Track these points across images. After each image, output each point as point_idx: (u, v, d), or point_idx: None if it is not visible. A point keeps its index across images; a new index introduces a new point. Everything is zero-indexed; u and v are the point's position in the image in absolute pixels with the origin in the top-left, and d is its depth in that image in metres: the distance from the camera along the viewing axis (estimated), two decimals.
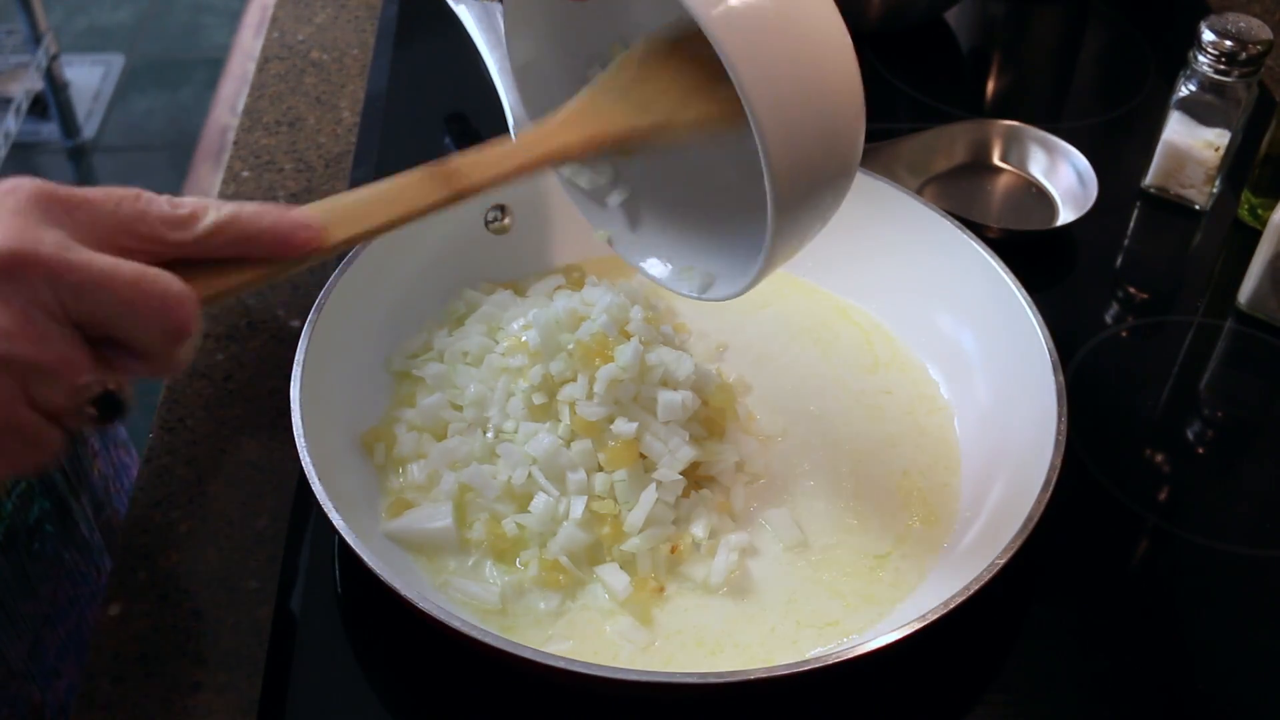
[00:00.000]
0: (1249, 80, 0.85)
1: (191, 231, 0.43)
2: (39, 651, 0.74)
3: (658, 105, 0.58)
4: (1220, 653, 0.67)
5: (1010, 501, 0.65)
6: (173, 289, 0.42)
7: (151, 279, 0.42)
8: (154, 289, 0.42)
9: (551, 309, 0.71)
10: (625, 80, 0.59)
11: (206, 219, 0.44)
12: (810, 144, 0.54)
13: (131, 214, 0.43)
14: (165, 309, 0.42)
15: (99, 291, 0.41)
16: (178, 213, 0.43)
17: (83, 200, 0.42)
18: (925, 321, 0.79)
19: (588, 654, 0.63)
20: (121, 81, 2.69)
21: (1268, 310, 0.83)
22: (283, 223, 0.45)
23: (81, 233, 0.41)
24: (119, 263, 0.41)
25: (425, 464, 0.70)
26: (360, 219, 0.49)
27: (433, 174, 0.52)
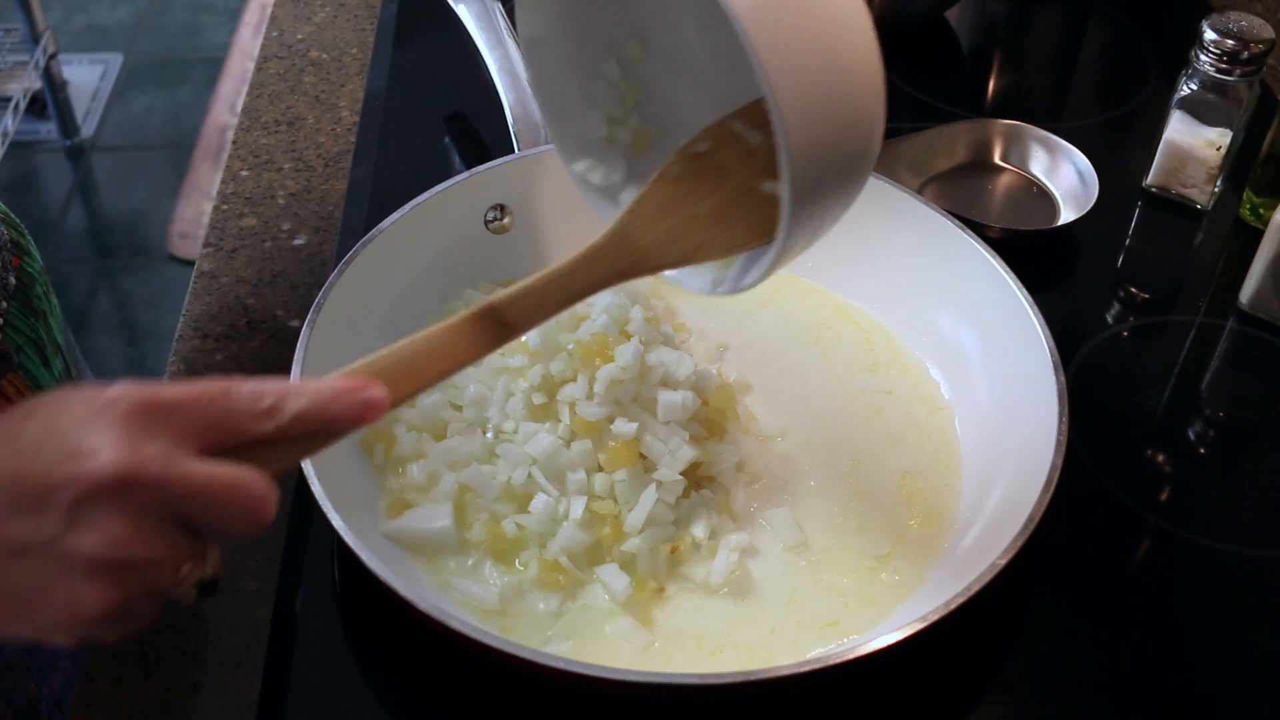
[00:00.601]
0: (1251, 79, 0.85)
1: (274, 423, 0.47)
2: (35, 646, 0.74)
3: (688, 233, 0.59)
4: (1220, 653, 0.67)
5: (1011, 502, 0.65)
6: (259, 490, 0.47)
7: (244, 484, 0.46)
8: (245, 494, 0.46)
9: None
10: (656, 207, 0.60)
11: (287, 411, 0.47)
12: (829, 130, 0.53)
13: (221, 412, 0.47)
14: (252, 509, 0.47)
15: (198, 499, 0.46)
16: (260, 405, 0.47)
17: (177, 406, 0.46)
18: (926, 321, 0.79)
19: (587, 654, 0.63)
20: (120, 80, 2.69)
21: (1269, 310, 0.83)
22: (355, 404, 0.49)
23: (177, 435, 0.46)
24: (214, 471, 0.46)
25: (425, 464, 0.70)
26: (417, 378, 0.53)
27: (482, 319, 0.54)
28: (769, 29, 0.50)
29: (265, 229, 0.88)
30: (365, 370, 0.51)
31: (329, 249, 0.87)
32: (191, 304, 0.83)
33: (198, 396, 0.47)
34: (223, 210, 0.90)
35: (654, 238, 0.59)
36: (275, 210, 0.90)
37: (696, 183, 0.60)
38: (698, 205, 0.60)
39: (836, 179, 0.55)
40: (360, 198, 0.89)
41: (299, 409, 0.48)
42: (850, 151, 0.55)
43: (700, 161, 0.61)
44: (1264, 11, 1.10)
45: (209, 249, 0.87)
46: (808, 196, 0.54)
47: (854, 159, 0.55)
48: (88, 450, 0.45)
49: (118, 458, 0.44)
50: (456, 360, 0.54)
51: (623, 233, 0.59)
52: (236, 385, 0.47)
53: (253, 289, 0.84)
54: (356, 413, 0.49)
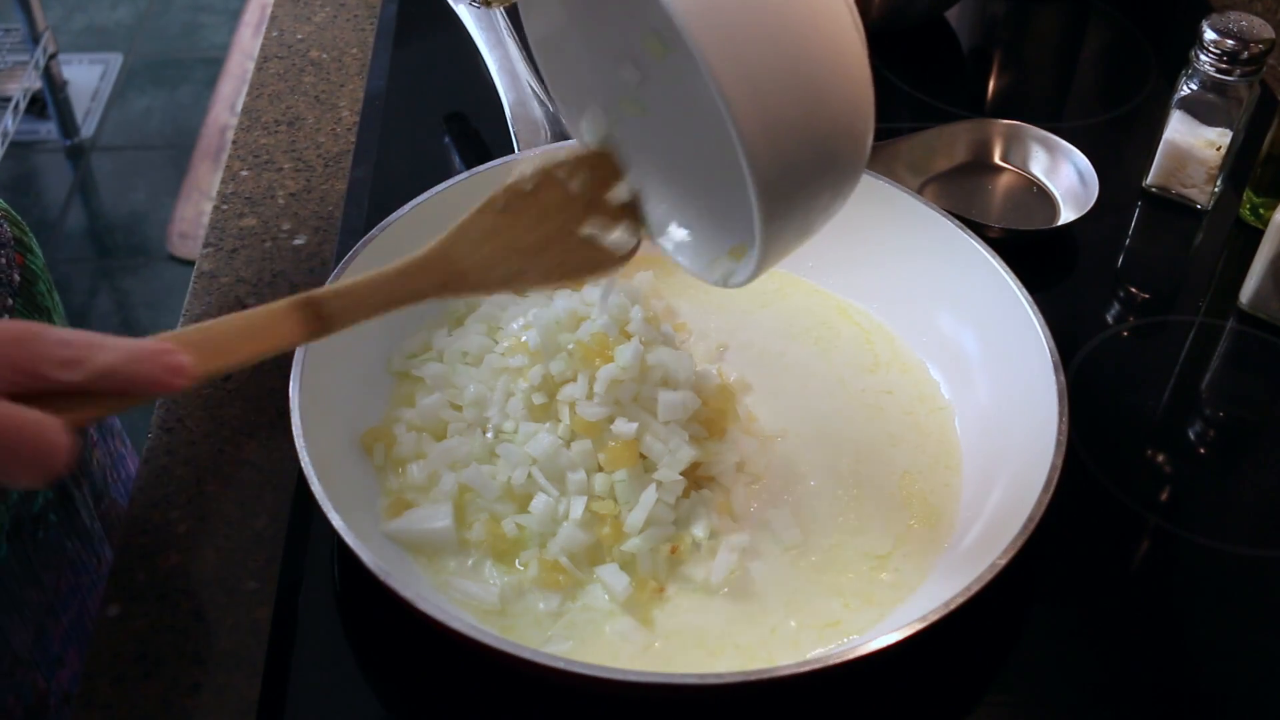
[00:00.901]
0: (1251, 79, 0.85)
1: (78, 374, 0.46)
2: (43, 640, 0.74)
3: (508, 261, 0.61)
4: (1220, 653, 0.67)
5: (1011, 502, 0.65)
6: (52, 437, 0.45)
7: (35, 428, 0.44)
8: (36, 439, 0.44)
9: (551, 309, 0.71)
10: (478, 233, 0.61)
11: (91, 364, 0.46)
12: (793, 115, 0.51)
13: (25, 356, 0.45)
14: (42, 456, 0.45)
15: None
16: (65, 354, 0.46)
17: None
18: (925, 321, 0.79)
19: (587, 655, 0.63)
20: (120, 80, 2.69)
21: (1269, 310, 0.83)
22: (160, 367, 0.48)
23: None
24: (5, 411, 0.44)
25: (425, 464, 0.70)
26: (227, 354, 0.53)
27: (300, 308, 0.55)
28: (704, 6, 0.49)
29: (265, 229, 0.88)
30: (177, 339, 0.51)
31: (329, 249, 0.87)
32: (191, 304, 0.83)
33: (6, 336, 0.45)
34: (223, 210, 0.90)
35: (474, 261, 0.61)
36: (275, 210, 0.90)
37: (518, 217, 0.62)
38: (518, 238, 0.62)
39: (810, 168, 0.54)
40: (360, 198, 0.89)
41: (104, 364, 0.47)
42: (822, 137, 0.53)
43: (523, 199, 0.62)
44: (1264, 11, 1.10)
45: (209, 249, 0.87)
46: (774, 189, 0.52)
47: (829, 144, 0.53)
48: None
49: None
50: (269, 344, 0.54)
51: (445, 251, 0.60)
52: (45, 330, 0.46)
53: (253, 289, 0.84)
54: (160, 377, 0.48)
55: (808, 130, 0.52)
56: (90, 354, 0.47)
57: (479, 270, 0.61)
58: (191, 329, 0.52)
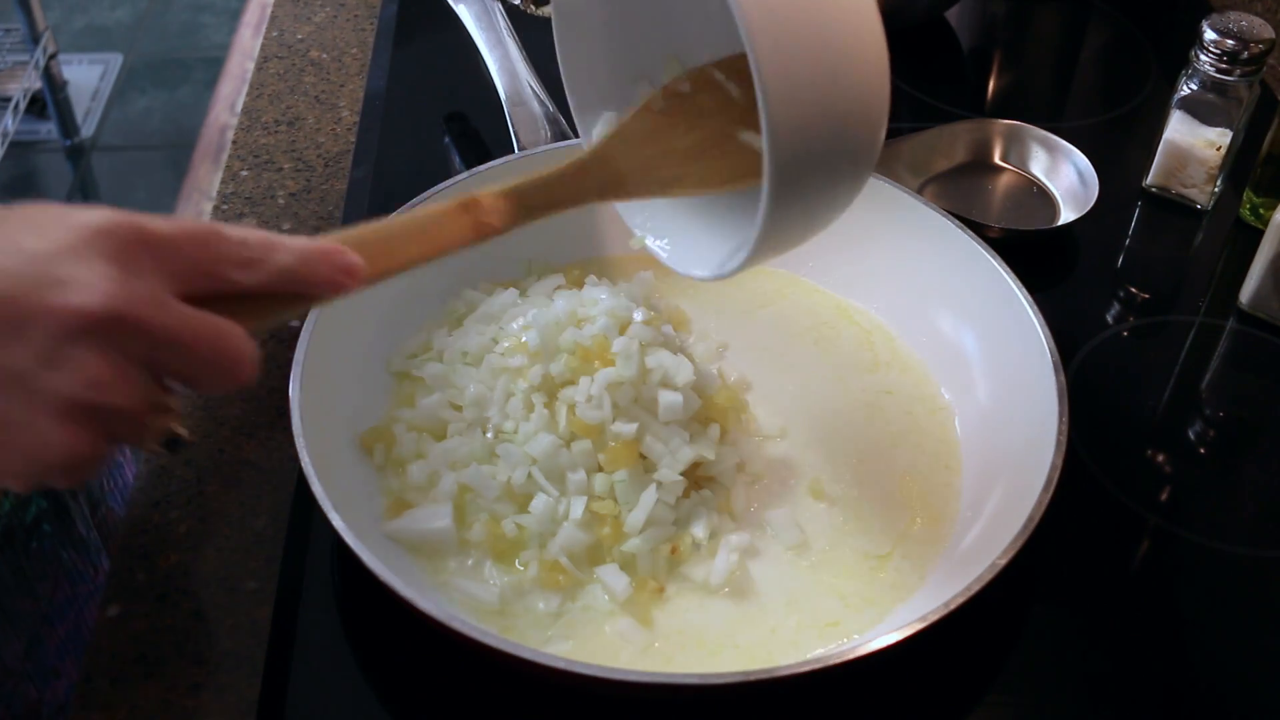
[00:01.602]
0: (1251, 79, 0.85)
1: (257, 276, 0.46)
2: (37, 651, 0.74)
3: (665, 165, 0.60)
4: (1221, 653, 0.66)
5: (1011, 502, 0.65)
6: (242, 346, 0.45)
7: (229, 337, 0.45)
8: (229, 347, 0.45)
9: (551, 309, 0.71)
10: (636, 135, 0.60)
11: (271, 264, 0.46)
12: (817, 97, 0.51)
13: (209, 257, 0.45)
14: (234, 364, 0.45)
15: (184, 349, 0.44)
16: (246, 254, 0.46)
17: (168, 244, 0.44)
18: (925, 321, 0.79)
19: (587, 655, 0.63)
20: (120, 80, 2.69)
21: (1269, 310, 0.83)
22: (335, 267, 0.48)
23: (163, 277, 0.44)
24: (202, 319, 0.44)
25: (425, 464, 0.69)
26: (398, 255, 0.52)
27: (463, 212, 0.54)
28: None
29: (265, 229, 0.88)
30: (347, 239, 0.50)
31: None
32: None
33: (189, 235, 0.45)
34: (223, 210, 0.90)
35: (632, 164, 0.60)
36: (275, 210, 0.90)
37: (676, 118, 0.61)
38: (676, 140, 0.61)
39: (826, 159, 0.53)
40: (360, 198, 0.89)
41: (283, 264, 0.46)
42: (843, 130, 0.53)
43: (681, 100, 0.61)
44: (1264, 11, 1.10)
45: None
46: (790, 176, 0.52)
47: (846, 139, 0.53)
48: (75, 281, 0.42)
49: (109, 294, 0.42)
50: (436, 246, 0.54)
51: (604, 154, 0.60)
52: (224, 229, 0.46)
53: None
54: (335, 277, 0.48)
55: (830, 109, 0.52)
56: (268, 254, 0.46)
57: (637, 174, 0.60)
58: (361, 228, 0.51)
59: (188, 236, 0.45)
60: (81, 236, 0.43)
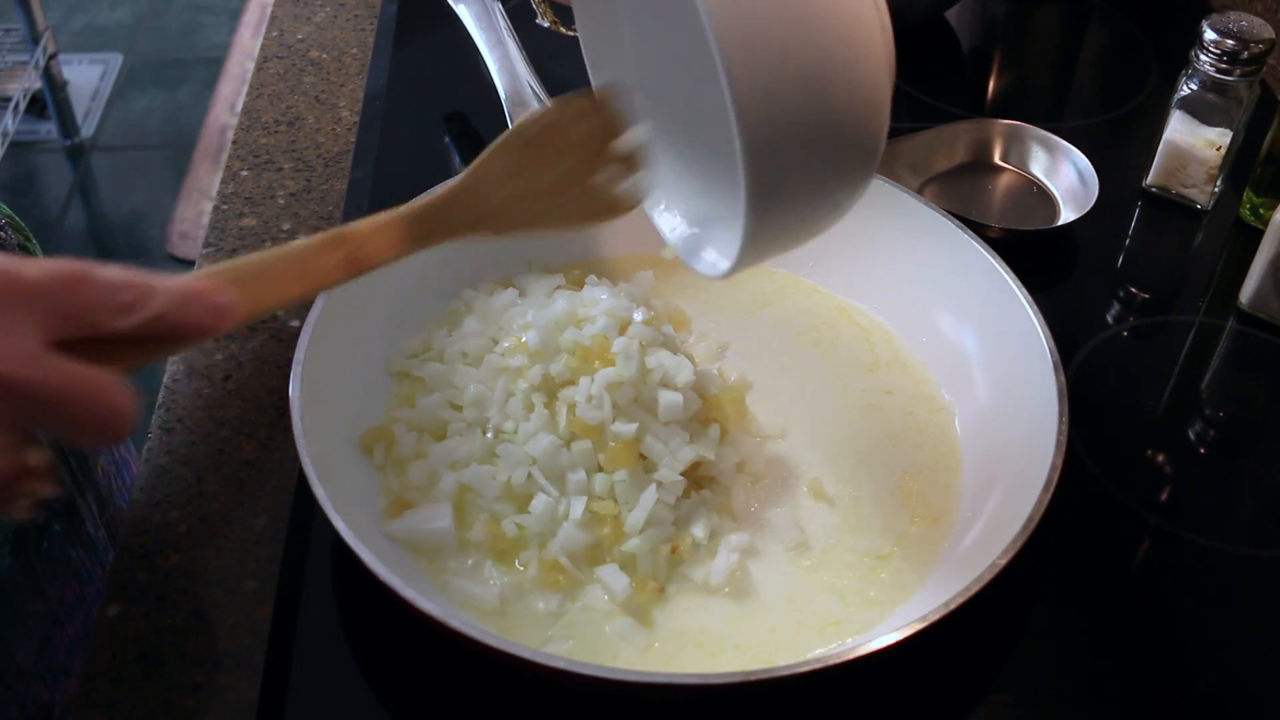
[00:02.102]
0: (1251, 79, 0.85)
1: (129, 321, 0.45)
2: (47, 651, 0.74)
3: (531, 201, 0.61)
4: (1221, 653, 0.66)
5: (1011, 502, 0.65)
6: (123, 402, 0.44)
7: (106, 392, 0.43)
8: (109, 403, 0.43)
9: (551, 309, 0.71)
10: (502, 169, 0.60)
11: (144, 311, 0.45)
12: (789, 82, 0.49)
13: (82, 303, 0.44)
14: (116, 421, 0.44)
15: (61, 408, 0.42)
16: (119, 299, 0.45)
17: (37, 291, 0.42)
18: (925, 321, 0.79)
19: (587, 655, 0.63)
20: (120, 80, 2.69)
21: (1269, 310, 0.83)
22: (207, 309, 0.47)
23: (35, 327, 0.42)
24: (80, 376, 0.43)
25: (425, 464, 0.69)
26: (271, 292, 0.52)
27: (335, 246, 0.54)
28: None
29: (265, 229, 0.88)
30: (221, 275, 0.50)
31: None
32: None
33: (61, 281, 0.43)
34: (223, 210, 0.90)
35: (499, 199, 0.60)
36: (275, 210, 0.90)
37: (544, 150, 0.61)
38: (542, 175, 0.61)
39: (811, 150, 0.52)
40: (360, 198, 0.89)
41: (155, 309, 0.45)
42: (828, 123, 0.51)
43: (551, 131, 0.61)
44: (1264, 11, 1.10)
45: (209, 249, 0.87)
46: (764, 155, 0.50)
47: (835, 132, 0.51)
48: None
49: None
50: (311, 282, 0.53)
51: (471, 188, 0.60)
52: (96, 272, 0.44)
53: None
54: (206, 320, 0.47)
55: (810, 99, 0.50)
56: (143, 301, 0.45)
57: (505, 209, 0.60)
58: (237, 263, 0.51)
59: (59, 282, 0.43)
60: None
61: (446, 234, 0.58)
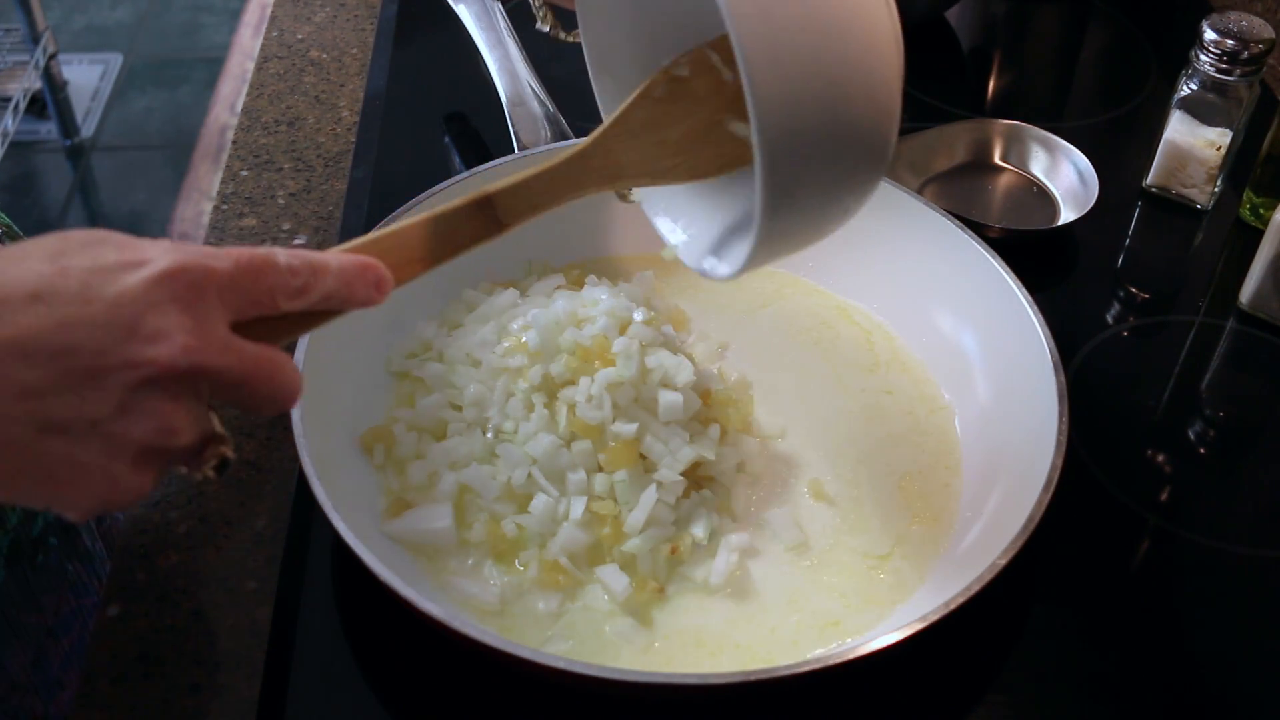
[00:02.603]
0: (1251, 79, 0.85)
1: (304, 301, 0.49)
2: (42, 663, 0.73)
3: (660, 155, 0.61)
4: (1220, 653, 0.67)
5: (1011, 502, 0.65)
6: (296, 379, 0.48)
7: (283, 369, 0.48)
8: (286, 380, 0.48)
9: (551, 309, 0.71)
10: (635, 124, 0.61)
11: (316, 291, 0.49)
12: (811, 81, 0.50)
13: (263, 289, 0.47)
14: (289, 395, 0.48)
15: (247, 386, 0.47)
16: (294, 283, 0.48)
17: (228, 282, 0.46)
18: (925, 321, 0.79)
19: (587, 655, 0.63)
20: (120, 80, 2.69)
21: (1269, 310, 0.83)
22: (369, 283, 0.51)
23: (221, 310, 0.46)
24: (262, 357, 0.47)
25: (425, 464, 0.69)
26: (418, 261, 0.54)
27: (475, 209, 0.56)
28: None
29: (265, 229, 0.88)
30: (370, 247, 0.52)
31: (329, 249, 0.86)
32: None
33: (247, 269, 0.47)
34: (223, 210, 0.90)
35: (631, 153, 0.61)
36: (275, 210, 0.90)
37: (673, 105, 0.62)
38: (671, 129, 0.62)
39: (827, 156, 0.52)
40: (360, 198, 0.89)
41: (326, 288, 0.49)
42: (845, 129, 0.52)
43: (679, 85, 0.62)
44: (1264, 11, 1.10)
45: None
46: (784, 161, 0.51)
47: (850, 138, 0.52)
48: (153, 332, 0.43)
49: (186, 347, 0.44)
50: (454, 246, 0.55)
51: (605, 144, 0.61)
52: (276, 258, 0.48)
53: None
54: (369, 293, 0.51)
55: (826, 85, 0.51)
56: (313, 280, 0.48)
57: (635, 163, 0.61)
58: (381, 235, 0.53)
59: (245, 271, 0.47)
60: (154, 281, 0.44)
61: (581, 189, 0.60)
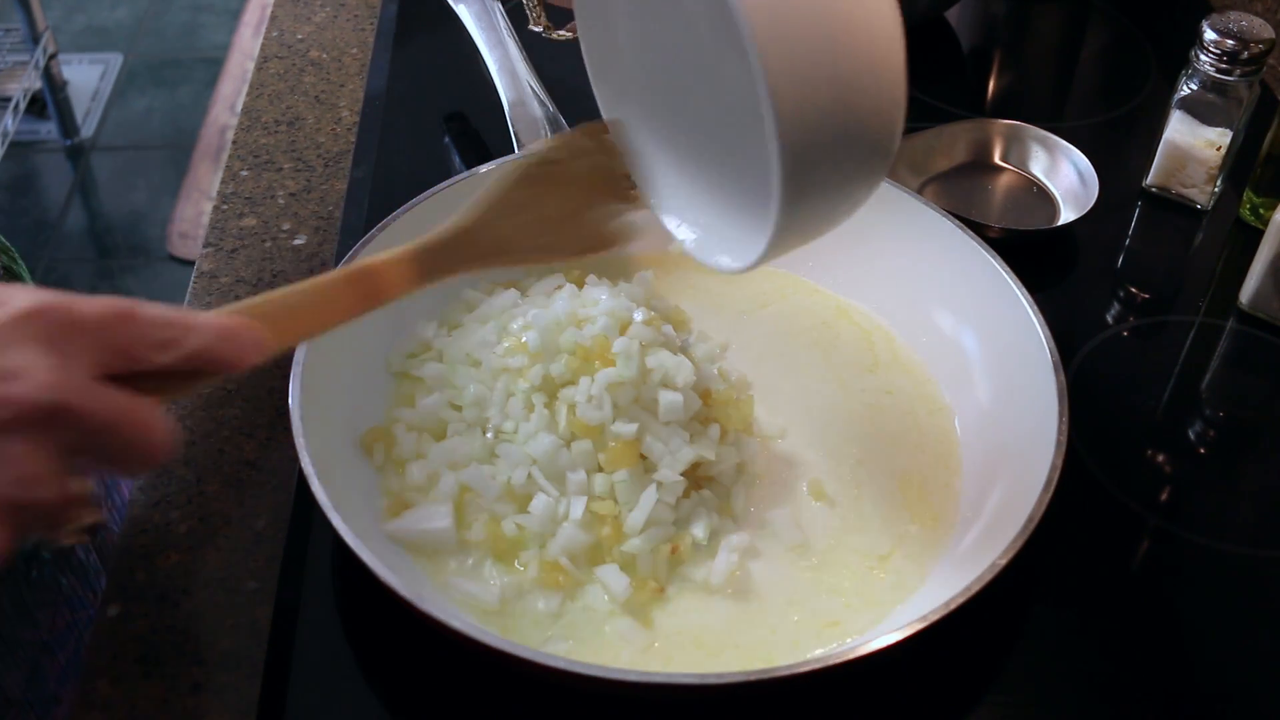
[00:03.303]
0: (1251, 79, 0.85)
1: (171, 356, 0.46)
2: (38, 679, 0.73)
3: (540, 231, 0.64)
4: (1220, 653, 0.67)
5: (1011, 502, 0.65)
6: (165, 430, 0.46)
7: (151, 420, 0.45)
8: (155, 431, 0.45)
9: (551, 309, 0.71)
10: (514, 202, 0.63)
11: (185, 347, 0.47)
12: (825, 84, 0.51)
13: (128, 338, 0.45)
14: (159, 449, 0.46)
15: (112, 435, 0.44)
16: (163, 335, 0.46)
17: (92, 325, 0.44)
18: (925, 321, 0.79)
19: (587, 655, 0.63)
20: (120, 80, 2.69)
21: (1269, 310, 0.83)
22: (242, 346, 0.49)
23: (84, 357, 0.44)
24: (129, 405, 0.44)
25: (425, 464, 0.69)
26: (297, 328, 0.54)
27: (356, 281, 0.57)
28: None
29: (265, 229, 0.88)
30: (249, 311, 0.51)
31: (329, 249, 0.87)
32: (191, 304, 0.83)
33: (113, 316, 0.45)
34: (223, 210, 0.90)
35: (512, 230, 0.62)
36: (275, 210, 0.90)
37: (551, 186, 0.64)
38: (550, 209, 0.64)
39: (839, 150, 0.53)
40: (360, 198, 0.89)
41: (197, 345, 0.47)
42: (856, 124, 0.52)
43: (556, 168, 0.65)
44: (1264, 11, 1.10)
45: (209, 249, 0.87)
46: (799, 157, 0.52)
47: (860, 132, 0.53)
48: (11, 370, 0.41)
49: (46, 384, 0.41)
50: (333, 317, 0.56)
51: (486, 221, 0.62)
52: (141, 309, 0.46)
53: (253, 289, 0.84)
54: (244, 355, 0.49)
55: (837, 79, 0.51)
56: (184, 335, 0.47)
57: (511, 242, 0.62)
58: (263, 299, 0.53)
59: (111, 317, 0.45)
60: (13, 319, 0.42)
61: (456, 268, 0.61)
